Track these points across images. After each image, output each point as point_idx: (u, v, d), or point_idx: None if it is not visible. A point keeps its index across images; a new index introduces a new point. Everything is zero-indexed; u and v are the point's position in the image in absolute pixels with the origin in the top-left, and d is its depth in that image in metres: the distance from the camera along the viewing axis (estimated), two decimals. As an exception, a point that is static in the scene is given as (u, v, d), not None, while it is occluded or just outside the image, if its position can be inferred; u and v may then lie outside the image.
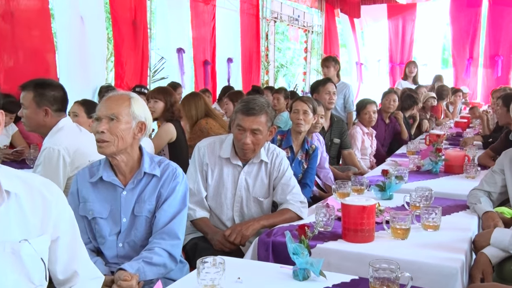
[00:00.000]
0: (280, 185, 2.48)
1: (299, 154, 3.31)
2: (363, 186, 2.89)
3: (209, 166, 2.45)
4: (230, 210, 2.48)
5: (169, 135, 3.72)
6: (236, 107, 2.43)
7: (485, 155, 3.84)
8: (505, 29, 11.52)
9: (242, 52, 8.68)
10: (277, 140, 3.27)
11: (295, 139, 3.32)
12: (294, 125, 3.31)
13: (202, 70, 7.77)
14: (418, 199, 2.48)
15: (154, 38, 6.88)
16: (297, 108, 3.33)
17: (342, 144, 4.31)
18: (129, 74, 6.07)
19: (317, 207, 2.25)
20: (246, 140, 2.34)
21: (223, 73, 8.39)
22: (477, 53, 12.05)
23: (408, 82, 7.46)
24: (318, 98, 4.18)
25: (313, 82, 4.48)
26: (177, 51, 7.10)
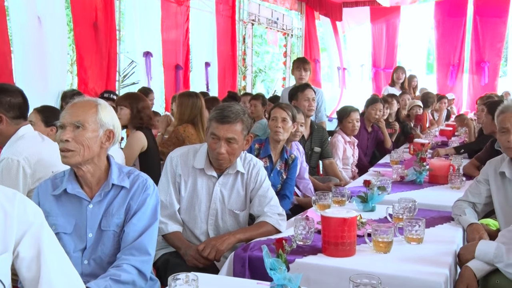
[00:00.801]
0: (257, 196, 2.50)
1: (278, 164, 3.34)
2: (344, 198, 2.93)
3: (182, 177, 2.46)
4: (204, 224, 2.48)
5: (140, 144, 3.71)
6: (210, 114, 2.44)
7: (470, 164, 3.94)
8: (491, 34, 11.83)
9: (219, 56, 8.71)
10: (255, 149, 3.30)
11: (273, 148, 3.35)
12: (272, 133, 3.34)
13: (173, 75, 7.76)
14: (401, 211, 2.53)
15: (124, 40, 6.85)
16: (275, 116, 3.37)
17: (323, 153, 4.36)
18: (93, 79, 6.01)
19: (296, 220, 2.27)
20: (220, 149, 2.35)
21: (201, 78, 8.40)
22: (462, 58, 12.34)
23: (395, 88, 7.57)
24: (297, 105, 4.22)
25: (291, 88, 4.52)
26: (144, 55, 7.08)
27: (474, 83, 12.12)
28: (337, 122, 4.88)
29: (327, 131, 4.70)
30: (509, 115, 2.44)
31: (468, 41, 12.40)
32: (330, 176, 4.33)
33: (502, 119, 2.46)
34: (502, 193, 2.51)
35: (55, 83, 5.45)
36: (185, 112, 4.13)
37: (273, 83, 16.56)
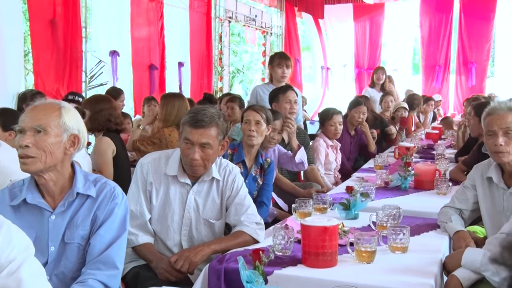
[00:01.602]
0: (233, 205, 2.50)
1: (253, 169, 3.34)
2: (326, 205, 2.95)
3: (154, 185, 2.45)
4: (177, 234, 2.47)
5: (111, 148, 3.68)
6: (183, 118, 2.43)
7: (456, 169, 4.00)
8: (478, 33, 12.06)
9: (192, 56, 8.69)
10: (228, 154, 3.29)
11: (247, 153, 3.36)
12: (245, 137, 3.34)
13: (146, 76, 7.71)
14: (385, 218, 2.56)
15: (90, 38, 6.78)
16: (248, 118, 3.37)
17: None
18: (51, 80, 5.92)
19: (274, 229, 2.28)
20: (194, 155, 2.35)
21: (174, 79, 8.37)
22: (449, 59, 12.55)
23: (375, 90, 7.66)
24: (278, 107, 4.23)
25: (271, 90, 4.54)
26: (110, 54, 7.02)
27: (461, 84, 12.34)
28: (319, 125, 4.90)
29: (308, 135, 4.73)
30: (496, 118, 2.47)
31: (455, 40, 12.63)
32: (311, 182, 4.35)
33: (489, 121, 2.50)
34: (489, 199, 2.56)
35: (10, 83, 5.35)
36: (172, 113, 4.10)
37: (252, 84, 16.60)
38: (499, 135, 2.44)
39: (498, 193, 2.52)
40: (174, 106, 4.11)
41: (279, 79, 4.75)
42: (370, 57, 13.45)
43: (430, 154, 5.35)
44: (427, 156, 5.28)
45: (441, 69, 12.45)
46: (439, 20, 12.52)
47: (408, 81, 12.56)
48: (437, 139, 6.46)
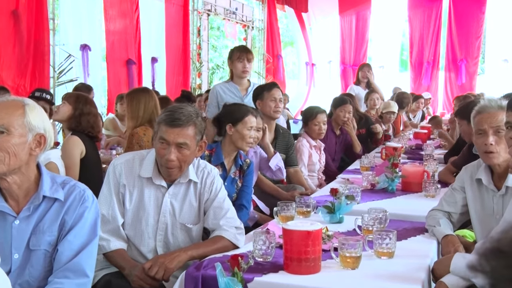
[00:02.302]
0: (212, 208, 2.50)
1: (232, 171, 3.35)
2: (309, 208, 2.96)
3: (127, 187, 2.43)
4: (152, 240, 2.46)
5: (79, 149, 3.64)
6: (159, 117, 2.43)
7: (446, 170, 4.05)
8: (468, 29, 12.23)
9: (168, 51, 8.65)
10: (205, 155, 3.29)
11: (226, 154, 3.36)
12: (243, 143, 3.36)
13: (123, 71, 7.65)
14: (371, 222, 2.58)
15: (58, 31, 6.70)
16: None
17: (288, 161, 4.38)
18: (13, 75, 5.82)
19: (255, 233, 2.28)
20: (170, 156, 2.34)
21: (147, 75, 8.33)
22: (438, 55, 12.70)
23: (361, 87, 7.71)
24: (262, 106, 4.24)
25: (255, 87, 4.54)
26: (81, 48, 6.95)
27: (450, 82, 12.50)
28: (302, 125, 4.92)
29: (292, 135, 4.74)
30: (486, 116, 2.50)
31: (444, 35, 12.79)
32: (294, 184, 4.37)
33: (479, 120, 2.53)
34: (479, 201, 2.59)
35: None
36: (138, 109, 4.02)
37: (232, 80, 16.61)
38: (490, 134, 2.47)
39: (487, 196, 2.55)
40: (139, 101, 4.06)
41: (240, 75, 4.62)
42: (356, 53, 13.55)
43: (419, 154, 5.40)
44: (415, 156, 5.34)
45: (430, 65, 12.59)
46: (428, 14, 12.67)
47: (395, 78, 12.69)
48: (426, 139, 6.54)
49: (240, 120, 3.40)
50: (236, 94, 4.55)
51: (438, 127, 7.54)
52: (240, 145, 3.35)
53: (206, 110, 4.86)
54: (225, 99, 4.46)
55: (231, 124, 3.41)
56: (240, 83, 4.65)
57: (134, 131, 3.96)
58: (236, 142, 3.36)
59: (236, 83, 4.65)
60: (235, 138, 3.36)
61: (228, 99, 4.45)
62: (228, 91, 4.57)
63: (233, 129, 3.39)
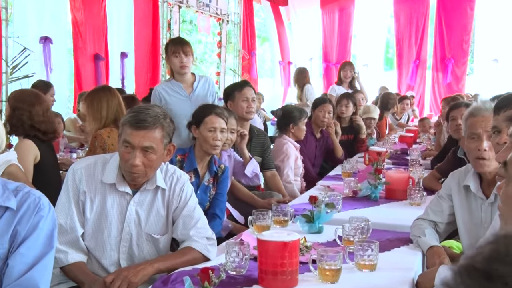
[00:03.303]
0: (181, 217, 2.49)
1: (206, 178, 3.34)
2: (286, 217, 2.97)
3: (88, 194, 2.41)
4: (115, 252, 2.45)
5: (33, 153, 3.58)
6: (123, 118, 2.42)
7: (431, 177, 4.10)
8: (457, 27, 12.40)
9: (137, 45, 8.61)
10: (177, 161, 3.28)
11: (200, 160, 3.35)
12: (208, 146, 3.34)
13: (91, 67, 7.56)
14: (352, 232, 2.59)
15: (12, 21, 6.58)
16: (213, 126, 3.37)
17: (264, 163, 4.40)
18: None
19: (227, 245, 2.28)
20: (135, 160, 2.32)
21: (116, 72, 8.27)
22: (425, 53, 12.85)
23: (343, 87, 7.75)
24: (233, 107, 4.24)
25: (227, 86, 4.53)
26: (41, 41, 6.84)
27: (438, 82, 12.66)
28: (282, 126, 4.91)
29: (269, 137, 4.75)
30: (480, 119, 2.52)
31: (432, 33, 12.96)
32: (271, 191, 4.37)
33: (472, 123, 2.55)
34: (466, 210, 2.62)
35: None
36: (101, 109, 3.95)
37: (206, 78, 16.56)
38: (484, 139, 2.49)
39: (476, 204, 2.58)
40: (100, 101, 3.98)
41: (178, 71, 4.37)
42: (339, 50, 13.64)
43: (404, 159, 5.46)
44: (400, 162, 5.39)
45: (417, 64, 12.73)
46: (415, 9, 12.82)
47: (380, 77, 12.81)
48: (412, 143, 6.60)
49: (202, 121, 3.39)
50: (181, 93, 4.34)
51: (425, 130, 7.63)
52: (205, 149, 3.34)
53: None
54: (169, 101, 4.28)
55: (195, 126, 3.41)
56: (182, 80, 4.39)
57: (97, 133, 3.90)
58: (201, 145, 3.36)
59: (178, 80, 4.41)
60: (200, 141, 3.37)
61: (174, 100, 4.29)
62: (172, 91, 4.37)
63: (197, 131, 3.38)
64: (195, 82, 4.40)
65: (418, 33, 12.77)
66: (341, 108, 6.11)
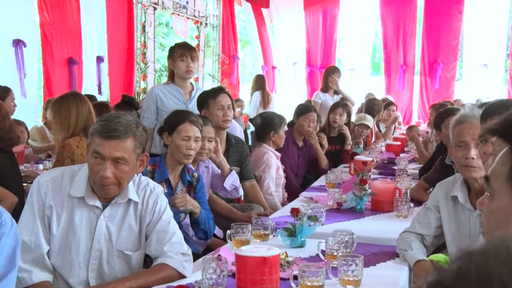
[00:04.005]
0: (155, 232, 2.48)
1: (179, 189, 3.34)
2: (267, 231, 2.97)
3: (54, 209, 2.39)
4: (84, 270, 2.42)
5: None
6: (92, 127, 2.40)
7: (418, 187, 4.13)
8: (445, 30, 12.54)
9: (111, 49, 8.59)
10: (147, 171, 3.27)
11: (172, 169, 3.34)
12: (181, 155, 3.32)
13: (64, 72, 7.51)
14: (336, 246, 2.60)
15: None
16: (188, 135, 3.36)
17: (243, 174, 4.39)
18: None
19: (204, 260, 2.27)
20: (105, 172, 2.31)
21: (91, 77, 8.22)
22: (412, 58, 12.96)
23: (328, 94, 7.77)
24: (208, 115, 4.22)
25: (200, 93, 4.52)
26: (14, 44, 6.79)
27: (426, 87, 12.78)
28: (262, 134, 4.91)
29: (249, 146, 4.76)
30: (468, 126, 2.56)
31: (419, 36, 13.08)
32: (251, 203, 4.37)
33: (460, 131, 2.59)
34: (454, 221, 2.65)
35: None
36: (70, 116, 3.92)
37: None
38: (471, 147, 2.53)
39: (464, 215, 2.61)
40: (69, 108, 3.94)
41: (183, 76, 4.51)
42: (323, 54, 13.71)
43: (391, 169, 5.49)
44: (387, 172, 5.42)
45: (404, 69, 12.84)
46: (403, 12, 12.95)
47: (367, 83, 12.90)
48: (399, 152, 6.63)
49: (175, 129, 3.36)
50: (179, 98, 4.45)
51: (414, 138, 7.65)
52: (178, 158, 3.32)
53: (142, 116, 4.66)
54: (166, 104, 4.39)
55: (167, 133, 3.40)
56: (182, 85, 4.53)
57: (65, 142, 3.85)
58: (174, 153, 3.34)
59: (178, 85, 4.53)
60: (172, 149, 3.35)
61: (171, 103, 4.38)
62: (170, 95, 4.46)
63: (170, 139, 3.37)
64: (193, 91, 4.60)
65: (406, 36, 12.89)
66: (334, 117, 6.15)
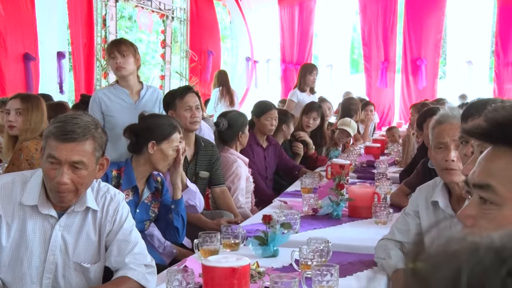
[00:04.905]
0: (115, 242, 2.47)
1: (145, 196, 3.33)
2: (237, 239, 2.97)
3: (4, 218, 2.37)
4: (37, 285, 2.40)
5: None
6: (46, 129, 2.39)
7: (399, 192, 4.16)
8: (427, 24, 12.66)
9: (72, 44, 8.53)
10: (113, 177, 3.26)
11: (140, 176, 3.34)
12: (165, 164, 3.33)
13: (20, 68, 7.43)
14: (310, 255, 2.61)
15: None
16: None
17: (213, 179, 4.38)
18: None
19: (169, 272, 2.28)
20: (62, 178, 2.29)
21: (50, 75, 8.14)
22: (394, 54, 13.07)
23: (306, 94, 7.79)
24: (175, 116, 4.22)
25: (166, 93, 4.50)
26: None
27: (408, 85, 12.89)
28: (226, 138, 4.89)
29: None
30: (448, 127, 2.59)
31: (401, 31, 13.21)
32: (222, 210, 4.36)
33: (439, 132, 2.62)
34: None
35: None
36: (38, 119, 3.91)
37: (148, 82, 16.47)
38: (451, 149, 2.56)
39: (445, 221, 2.64)
40: (39, 109, 3.96)
41: (116, 74, 4.47)
42: (299, 50, 13.75)
43: (370, 173, 5.53)
44: (366, 175, 5.46)
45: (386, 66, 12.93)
46: (383, 5, 13.05)
47: (346, 81, 12.98)
48: (379, 154, 6.68)
49: (166, 138, 3.39)
50: (126, 100, 4.36)
51: (394, 140, 7.73)
52: (160, 167, 3.35)
53: None
54: (112, 108, 4.31)
55: (154, 142, 3.39)
56: (127, 85, 4.42)
57: (23, 145, 3.81)
58: (156, 163, 3.35)
59: (123, 86, 4.43)
60: (156, 158, 3.35)
61: (117, 107, 4.31)
62: (115, 97, 4.37)
63: (156, 148, 3.37)
64: (142, 90, 4.49)
65: (387, 31, 12.99)
66: (308, 120, 6.16)
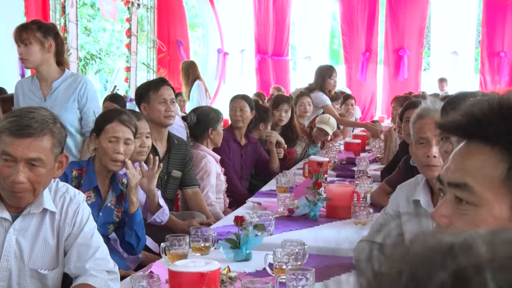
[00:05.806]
0: (75, 246, 2.46)
1: (109, 199, 3.33)
2: (208, 242, 2.98)
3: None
4: (-10, 293, 2.39)
5: None
6: (0, 124, 2.36)
7: (380, 191, 4.19)
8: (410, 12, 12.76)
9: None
10: (73, 177, 3.24)
11: (100, 175, 3.33)
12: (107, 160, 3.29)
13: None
14: (285, 259, 2.63)
15: None
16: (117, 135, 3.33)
17: (185, 180, 4.38)
18: None
19: (133, 278, 2.28)
20: (18, 176, 2.27)
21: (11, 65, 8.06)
22: (376, 44, 13.15)
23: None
24: (149, 110, 4.20)
25: (139, 85, 4.50)
26: None
27: (390, 77, 12.99)
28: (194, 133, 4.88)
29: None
30: (429, 121, 2.61)
31: (383, 19, 13.29)
32: (193, 211, 4.36)
33: (420, 126, 2.65)
34: (416, 228, 2.71)
35: None
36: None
37: (112, 74, 16.35)
38: (433, 144, 2.59)
39: (426, 221, 2.66)
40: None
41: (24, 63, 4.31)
42: (275, 41, 13.76)
43: (350, 171, 5.54)
44: (346, 173, 5.48)
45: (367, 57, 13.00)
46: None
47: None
48: (360, 151, 6.71)
49: (102, 129, 3.33)
50: (36, 93, 4.17)
51: (375, 136, 7.76)
52: (105, 163, 3.30)
53: None
54: (22, 103, 4.10)
55: (95, 134, 3.37)
56: (41, 76, 4.17)
57: None
58: (101, 159, 3.32)
59: (38, 78, 4.21)
60: (100, 153, 3.34)
61: (28, 102, 4.07)
62: (28, 91, 4.19)
63: (97, 141, 3.35)
64: (56, 81, 4.19)
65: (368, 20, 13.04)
66: (279, 114, 6.16)
